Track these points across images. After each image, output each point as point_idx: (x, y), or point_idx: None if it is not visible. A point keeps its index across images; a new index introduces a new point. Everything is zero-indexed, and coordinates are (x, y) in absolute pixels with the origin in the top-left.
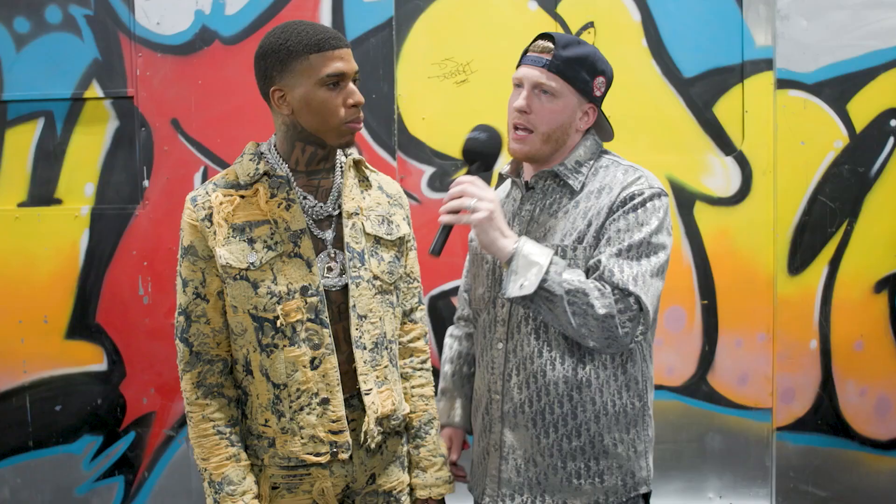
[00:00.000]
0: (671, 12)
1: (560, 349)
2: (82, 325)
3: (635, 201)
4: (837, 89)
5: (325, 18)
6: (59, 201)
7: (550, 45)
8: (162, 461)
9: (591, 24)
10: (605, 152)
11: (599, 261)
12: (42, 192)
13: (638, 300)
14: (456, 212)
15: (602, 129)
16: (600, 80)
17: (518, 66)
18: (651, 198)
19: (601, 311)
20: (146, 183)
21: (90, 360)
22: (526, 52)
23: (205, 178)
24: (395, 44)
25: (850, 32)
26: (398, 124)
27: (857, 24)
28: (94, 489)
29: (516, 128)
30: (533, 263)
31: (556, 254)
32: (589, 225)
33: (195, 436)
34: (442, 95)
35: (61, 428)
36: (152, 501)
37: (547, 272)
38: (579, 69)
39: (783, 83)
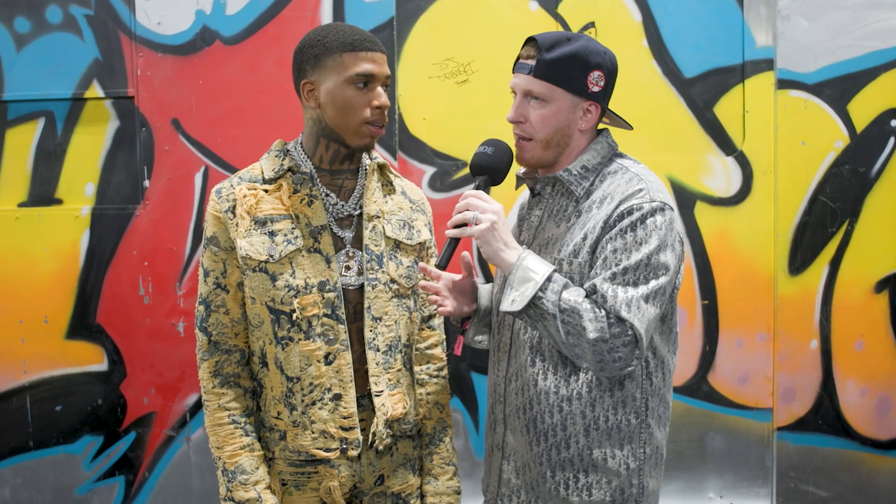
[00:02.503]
0: (672, 12)
1: (553, 360)
2: (83, 325)
3: (633, 217)
4: (838, 89)
5: (326, 18)
6: (59, 201)
7: (535, 49)
8: (162, 461)
9: (591, 25)
10: (619, 156)
11: (594, 284)
12: (42, 192)
13: (632, 327)
14: (461, 225)
15: (615, 124)
16: (595, 74)
17: (513, 72)
18: (651, 213)
19: (592, 336)
20: (147, 183)
21: (90, 360)
22: (518, 58)
23: (205, 178)
24: (395, 44)
25: (851, 33)
26: (399, 124)
27: (857, 25)
28: (94, 489)
29: (517, 137)
30: (528, 279)
31: (556, 266)
32: (584, 238)
33: (210, 424)
34: (443, 95)
35: (62, 428)
36: (152, 502)
37: (542, 289)
38: (567, 69)
39: (784, 83)
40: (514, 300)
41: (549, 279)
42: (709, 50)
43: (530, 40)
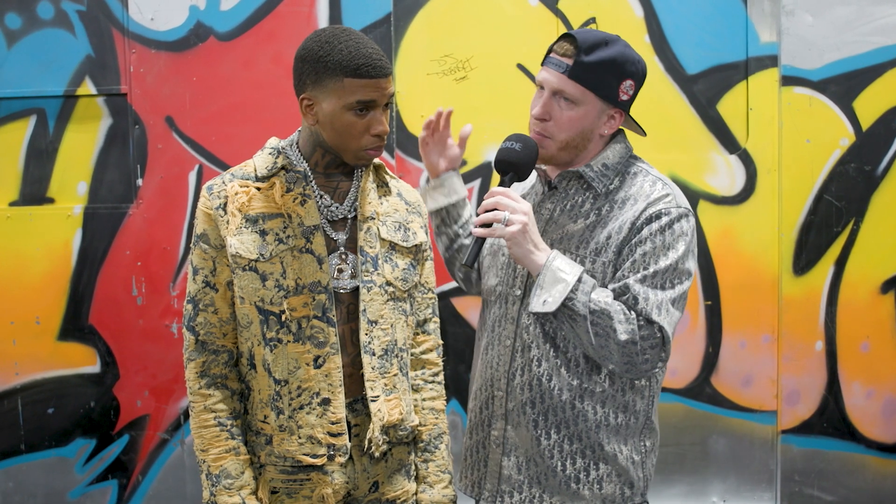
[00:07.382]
0: (674, 8)
1: (567, 356)
2: (75, 326)
3: (662, 222)
4: (843, 86)
5: (323, 13)
6: (51, 200)
7: (573, 48)
8: (156, 465)
9: (592, 20)
10: (636, 158)
11: (627, 285)
12: (34, 190)
13: (661, 329)
14: (489, 224)
15: (629, 127)
16: (628, 83)
17: (542, 64)
18: (678, 219)
19: (622, 337)
20: (140, 181)
21: (83, 361)
22: (550, 51)
23: (200, 176)
24: (393, 40)
25: (856, 28)
26: (397, 122)
27: (863, 20)
28: (87, 493)
29: (536, 133)
30: (559, 280)
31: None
32: (609, 238)
33: (196, 426)
34: (441, 92)
35: (54, 431)
36: None
37: (573, 290)
38: (604, 74)
39: (788, 80)
40: (545, 301)
41: (579, 280)
42: (712, 46)
43: (568, 37)
